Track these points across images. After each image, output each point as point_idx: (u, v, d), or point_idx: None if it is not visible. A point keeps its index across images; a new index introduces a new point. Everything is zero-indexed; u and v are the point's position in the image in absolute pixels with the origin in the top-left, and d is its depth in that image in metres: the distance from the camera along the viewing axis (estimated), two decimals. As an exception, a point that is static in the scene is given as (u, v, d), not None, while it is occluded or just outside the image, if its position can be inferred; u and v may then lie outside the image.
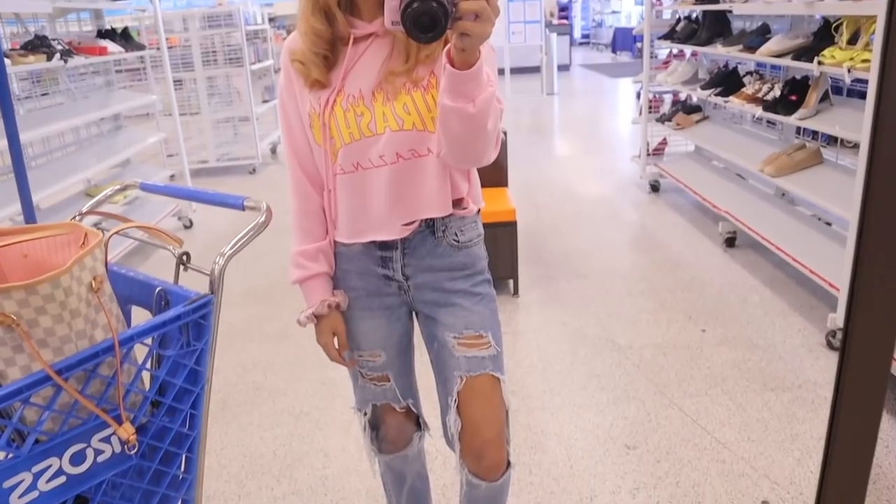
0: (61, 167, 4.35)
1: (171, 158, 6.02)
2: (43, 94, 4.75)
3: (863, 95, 3.22)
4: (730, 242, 4.17)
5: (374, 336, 1.53)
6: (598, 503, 2.13)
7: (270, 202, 1.41)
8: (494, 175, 3.73)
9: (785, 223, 3.78)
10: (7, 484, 1.01)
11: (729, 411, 2.55)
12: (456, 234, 1.44)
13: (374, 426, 1.66)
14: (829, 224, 3.76)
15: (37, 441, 1.05)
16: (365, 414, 1.63)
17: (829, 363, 2.84)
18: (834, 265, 3.09)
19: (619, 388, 2.75)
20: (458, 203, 1.42)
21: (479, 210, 1.51)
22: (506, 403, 1.53)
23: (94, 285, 1.10)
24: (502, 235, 3.46)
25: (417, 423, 1.70)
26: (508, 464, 1.59)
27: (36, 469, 1.04)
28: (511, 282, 3.66)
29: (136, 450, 1.11)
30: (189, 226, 5.11)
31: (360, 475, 2.33)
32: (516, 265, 3.59)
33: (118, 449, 1.11)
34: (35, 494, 1.04)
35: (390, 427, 1.65)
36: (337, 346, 1.53)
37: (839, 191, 3.15)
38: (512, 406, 2.58)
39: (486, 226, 1.56)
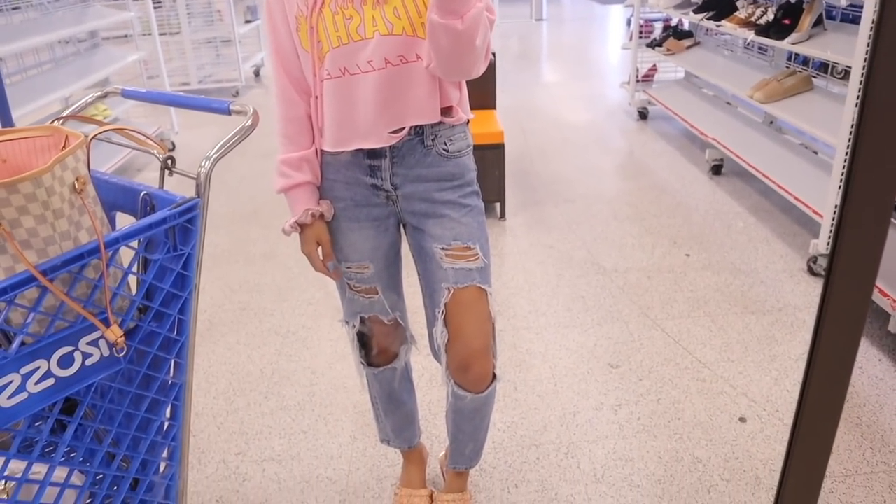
0: (37, 85, 4.23)
1: (151, 81, 5.88)
2: (14, 9, 4.58)
3: (856, 20, 3.17)
4: (716, 170, 4.17)
5: (362, 247, 1.52)
6: (581, 419, 2.18)
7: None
8: (482, 97, 3.68)
9: (772, 151, 3.77)
10: (-5, 384, 1.01)
11: (710, 333, 2.59)
12: (445, 144, 1.42)
13: (362, 339, 1.67)
14: (815, 152, 3.76)
15: (23, 343, 1.05)
16: (353, 326, 1.64)
17: (808, 288, 2.87)
18: (818, 193, 3.10)
19: (604, 309, 2.78)
20: (447, 111, 1.40)
21: (468, 121, 1.48)
22: (492, 316, 1.53)
23: (77, 186, 1.08)
24: (490, 158, 3.43)
25: (404, 336, 1.72)
26: (494, 376, 1.61)
27: (24, 370, 1.03)
28: (498, 205, 3.65)
29: (124, 353, 1.11)
30: (172, 149, 5.03)
31: (348, 391, 2.36)
32: (503, 189, 3.57)
33: (106, 353, 1.11)
34: (24, 396, 1.04)
35: (378, 340, 1.66)
36: (322, 257, 1.53)
37: (828, 118, 3.13)
38: (498, 325, 2.61)
39: (473, 148, 1.53)
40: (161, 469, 1.24)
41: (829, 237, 2.81)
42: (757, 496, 1.88)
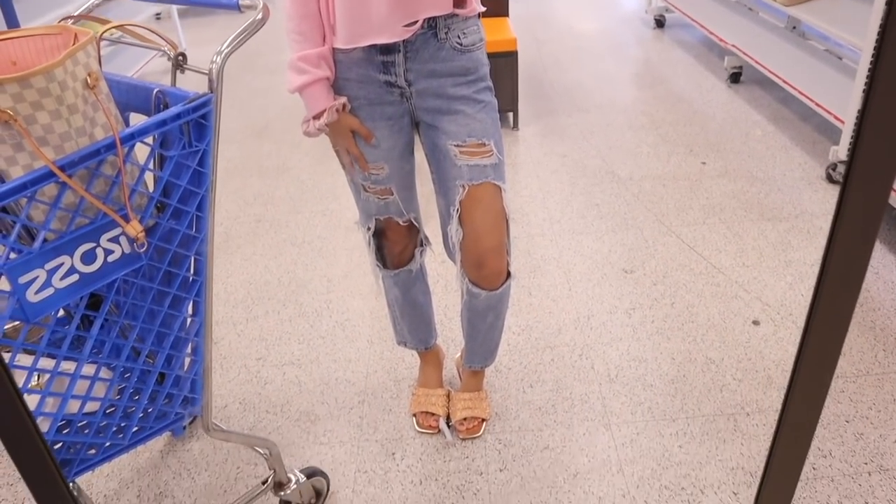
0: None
1: (155, -8, 5.74)
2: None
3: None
4: (735, 78, 4.07)
5: (380, 147, 1.51)
6: (595, 322, 2.20)
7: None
8: (495, 4, 3.57)
9: (794, 57, 3.67)
10: (22, 280, 1.02)
11: (725, 239, 2.58)
12: (458, 37, 1.39)
13: (378, 242, 1.68)
14: (839, 58, 3.66)
15: (46, 240, 1.06)
16: (368, 229, 1.64)
17: (827, 195, 2.85)
18: (841, 99, 3.03)
19: (618, 216, 2.77)
20: (459, 2, 1.36)
21: (479, 14, 1.45)
22: (507, 213, 1.54)
23: (89, 82, 1.07)
24: (503, 66, 3.36)
25: (419, 238, 1.72)
26: (508, 274, 1.62)
27: (49, 266, 1.05)
28: (511, 115, 3.60)
29: (144, 249, 1.12)
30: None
31: (364, 298, 2.40)
32: (517, 98, 3.51)
33: (127, 250, 1.12)
34: (50, 291, 1.06)
35: (393, 241, 1.67)
36: (364, 138, 1.50)
37: (855, 20, 3.03)
38: (513, 232, 2.61)
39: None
40: (185, 364, 1.28)
41: (850, 143, 2.76)
42: (768, 395, 1.91)
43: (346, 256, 2.64)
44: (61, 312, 1.42)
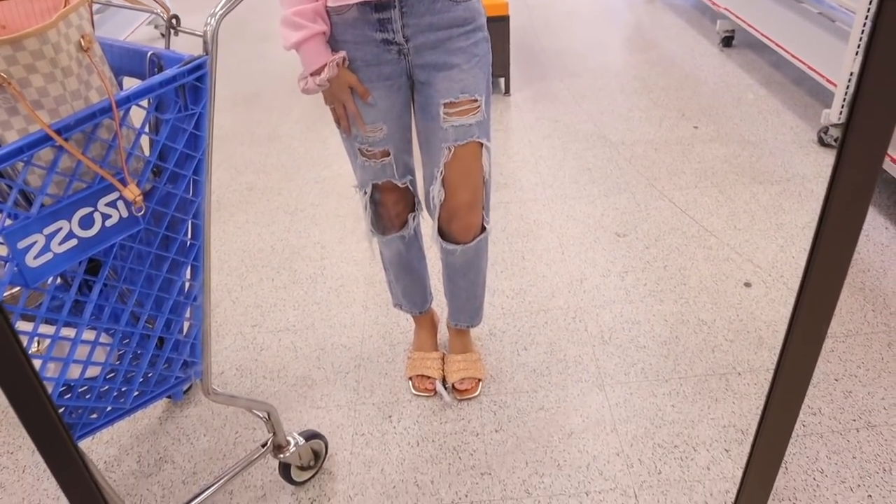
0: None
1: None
2: None
3: None
4: (727, 42, 4.05)
5: (377, 107, 1.50)
6: (588, 285, 2.22)
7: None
8: (486, -33, 3.53)
9: (787, 20, 3.66)
10: (21, 245, 1.02)
11: (717, 202, 2.60)
12: None
13: (374, 206, 1.68)
14: (832, 21, 3.65)
15: (43, 205, 1.06)
16: (365, 193, 1.65)
17: (818, 158, 2.86)
18: (833, 62, 3.02)
19: (611, 180, 2.78)
20: None
21: None
22: (485, 169, 1.57)
23: (83, 44, 1.06)
24: (494, 31, 3.32)
25: (414, 202, 1.73)
26: (483, 228, 1.64)
27: (47, 231, 1.05)
28: (503, 80, 3.59)
29: (142, 213, 1.12)
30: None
31: (357, 264, 2.40)
32: (508, 63, 3.49)
33: (125, 214, 1.12)
34: (49, 256, 1.06)
35: (389, 206, 1.67)
36: (360, 96, 1.49)
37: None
38: (505, 198, 2.62)
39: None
40: (185, 329, 1.28)
41: (842, 107, 2.77)
42: (759, 355, 1.94)
43: (340, 223, 2.64)
44: (59, 281, 1.43)
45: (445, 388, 1.88)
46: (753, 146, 2.97)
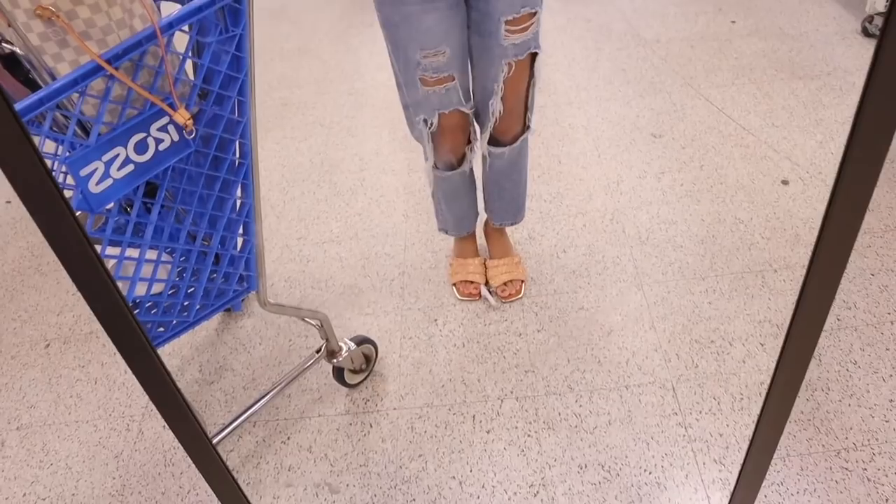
0: None
1: None
2: None
3: None
4: (767, -74, 3.87)
5: (437, 30, 1.45)
6: (625, 186, 2.24)
7: None
8: None
9: None
10: (83, 172, 1.08)
11: (755, 100, 2.56)
12: None
13: (434, 141, 1.66)
14: None
15: (100, 134, 1.11)
16: (431, 125, 1.60)
17: (861, 50, 2.78)
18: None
19: (646, 80, 2.74)
20: None
21: None
22: (535, 75, 1.59)
23: (124, -29, 1.08)
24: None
25: (470, 132, 1.71)
26: (526, 127, 1.69)
27: (105, 158, 1.10)
28: (533, -19, 3.49)
29: (192, 135, 1.17)
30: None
31: (396, 174, 2.44)
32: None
33: (176, 137, 1.17)
34: (109, 182, 1.12)
35: (450, 138, 1.65)
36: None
37: None
38: (539, 101, 2.61)
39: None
40: (239, 244, 1.35)
41: (886, -10, 2.67)
42: (796, 251, 1.96)
43: (376, 135, 2.66)
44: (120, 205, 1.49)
45: (490, 292, 1.95)
46: (793, 39, 2.89)
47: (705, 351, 1.74)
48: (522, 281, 1.94)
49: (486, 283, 1.96)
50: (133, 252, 1.21)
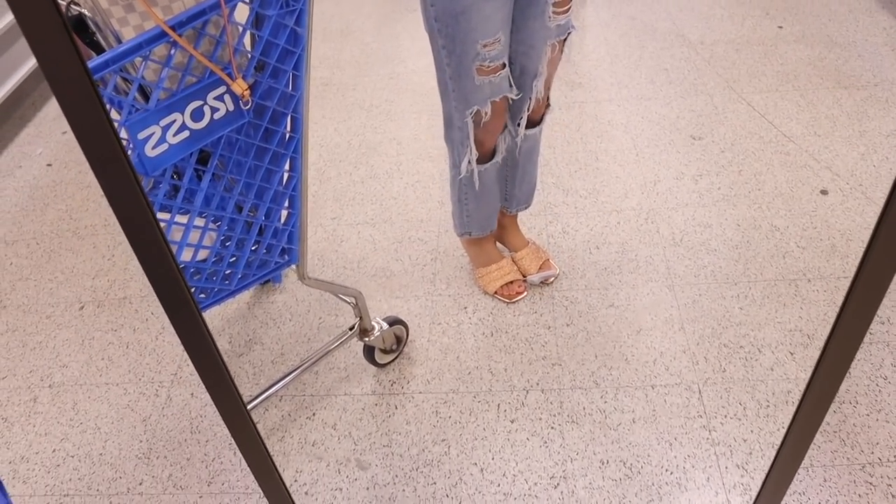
0: None
1: None
2: None
3: None
4: (819, -67, 3.82)
5: (496, 18, 1.44)
6: (662, 187, 2.23)
7: None
8: None
9: None
10: (141, 135, 1.11)
11: (798, 107, 2.54)
12: None
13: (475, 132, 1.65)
14: None
15: (159, 99, 1.13)
16: (486, 114, 1.58)
17: (909, 61, 2.74)
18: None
19: (688, 82, 2.72)
20: None
21: None
22: (565, 52, 1.64)
23: (192, -60, 1.10)
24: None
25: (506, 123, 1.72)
26: (549, 105, 1.76)
27: (163, 123, 1.12)
28: (579, -25, 3.48)
29: (248, 106, 1.18)
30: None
31: (433, 160, 2.45)
32: (586, -43, 3.39)
33: (231, 107, 1.19)
34: (165, 147, 1.14)
35: (495, 126, 1.64)
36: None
37: None
38: (579, 97, 2.61)
39: None
40: (283, 217, 1.37)
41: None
42: (831, 262, 1.95)
43: (415, 120, 2.67)
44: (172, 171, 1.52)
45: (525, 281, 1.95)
46: (841, 48, 2.86)
47: (734, 356, 1.74)
48: (548, 258, 1.99)
49: (524, 277, 1.96)
50: (181, 218, 1.24)
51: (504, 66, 1.53)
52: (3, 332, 2.03)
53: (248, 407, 1.51)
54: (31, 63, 2.99)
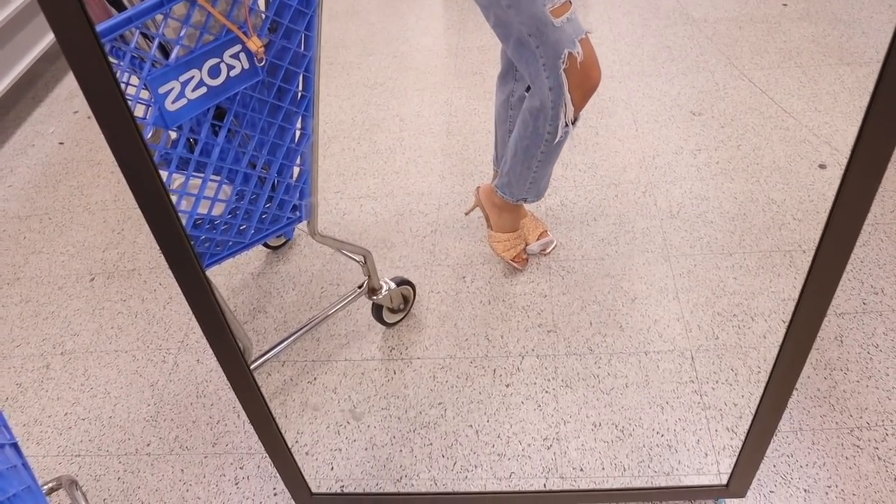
0: None
1: None
2: None
3: None
4: (828, -89, 3.80)
5: None
6: (660, 161, 2.26)
7: None
8: None
9: None
10: (161, 90, 1.17)
11: (800, 83, 2.55)
12: None
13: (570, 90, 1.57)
14: None
15: (179, 56, 1.18)
16: (579, 54, 1.50)
17: (913, 38, 2.73)
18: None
19: (690, 59, 2.74)
20: None
21: None
22: None
23: None
24: None
25: None
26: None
27: (182, 78, 1.18)
28: (584, -46, 3.49)
29: (262, 63, 1.24)
30: None
31: (435, 136, 2.49)
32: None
33: (246, 65, 1.24)
34: (184, 101, 1.20)
35: (594, 64, 1.56)
36: None
37: None
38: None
39: None
40: (295, 174, 1.43)
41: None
42: (827, 234, 1.97)
43: (418, 97, 2.71)
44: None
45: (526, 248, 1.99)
46: (846, 25, 2.86)
47: (727, 324, 1.77)
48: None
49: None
50: (199, 173, 1.30)
51: (570, 3, 1.47)
52: (18, 303, 2.09)
53: (253, 366, 1.57)
54: (44, 44, 3.04)
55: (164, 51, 1.27)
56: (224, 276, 2.08)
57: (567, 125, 1.60)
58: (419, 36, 3.10)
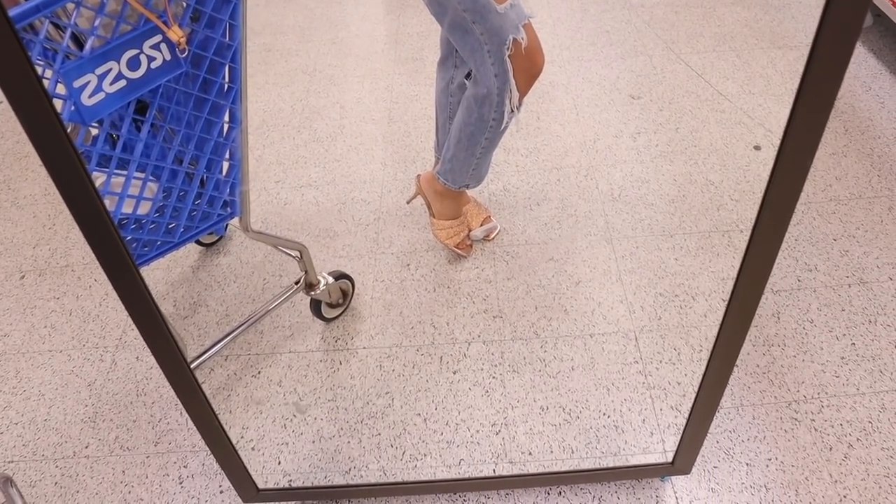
0: None
1: None
2: None
3: None
4: None
5: None
6: (601, 145, 2.28)
7: None
8: None
9: None
10: (77, 83, 1.11)
11: (734, 67, 2.60)
12: None
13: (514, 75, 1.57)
14: None
15: (93, 47, 1.13)
16: (523, 39, 1.50)
17: (840, 22, 2.81)
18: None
19: (628, 43, 2.77)
20: None
21: None
22: None
23: None
24: None
25: None
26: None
27: (98, 71, 1.12)
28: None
29: (185, 54, 1.19)
30: None
31: (376, 123, 2.46)
32: (528, -80, 3.39)
33: (168, 57, 1.19)
34: (101, 96, 1.14)
35: (535, 53, 1.56)
36: None
37: None
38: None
39: None
40: (224, 169, 1.38)
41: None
42: (762, 214, 2.01)
43: (358, 84, 2.67)
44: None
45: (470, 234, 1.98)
46: (777, 10, 2.92)
47: (669, 304, 1.80)
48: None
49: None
50: (122, 170, 1.24)
51: None
52: (-60, 303, 2.00)
53: (193, 365, 1.53)
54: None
55: (79, 42, 1.21)
56: (163, 271, 2.02)
57: (512, 111, 1.61)
58: (358, 21, 3.06)
